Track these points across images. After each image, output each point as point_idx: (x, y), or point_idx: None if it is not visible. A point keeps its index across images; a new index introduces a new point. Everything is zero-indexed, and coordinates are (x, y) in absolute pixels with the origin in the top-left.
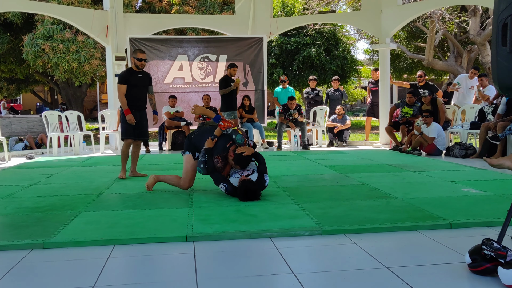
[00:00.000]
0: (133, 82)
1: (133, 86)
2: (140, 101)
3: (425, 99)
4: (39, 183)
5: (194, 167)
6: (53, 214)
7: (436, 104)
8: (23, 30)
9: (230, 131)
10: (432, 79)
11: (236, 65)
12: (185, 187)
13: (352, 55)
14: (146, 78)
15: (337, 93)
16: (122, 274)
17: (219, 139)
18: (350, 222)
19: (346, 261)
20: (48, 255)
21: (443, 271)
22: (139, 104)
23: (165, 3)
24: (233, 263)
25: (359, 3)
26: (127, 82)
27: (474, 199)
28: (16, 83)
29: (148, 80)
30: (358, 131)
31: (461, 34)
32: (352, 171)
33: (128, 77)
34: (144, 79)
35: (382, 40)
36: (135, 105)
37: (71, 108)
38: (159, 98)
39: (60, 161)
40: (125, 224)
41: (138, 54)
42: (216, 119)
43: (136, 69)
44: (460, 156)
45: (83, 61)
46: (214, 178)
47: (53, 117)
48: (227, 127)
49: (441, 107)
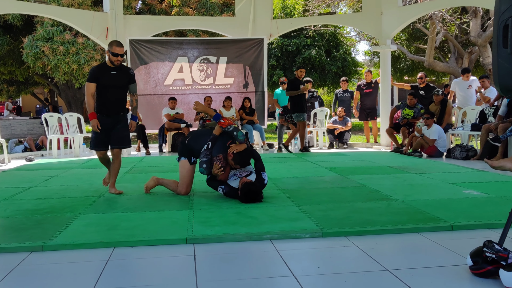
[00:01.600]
0: (105, 81)
1: (105, 86)
2: (114, 105)
3: (437, 97)
4: (39, 185)
5: (191, 172)
6: (53, 217)
7: (446, 105)
8: (23, 32)
9: (231, 128)
10: (433, 80)
11: (304, 67)
12: (182, 193)
13: (352, 57)
14: (123, 76)
15: (346, 94)
16: (122, 277)
17: (218, 138)
18: (351, 224)
19: (347, 263)
20: (47, 258)
21: (445, 273)
22: (112, 108)
23: (165, 4)
24: (234, 266)
25: (359, 4)
26: (96, 81)
27: (475, 201)
28: (16, 85)
29: (126, 78)
30: (359, 133)
31: (461, 35)
32: (353, 173)
33: (99, 75)
34: (121, 78)
35: (383, 42)
36: (106, 109)
37: (71, 110)
38: (159, 100)
39: (60, 163)
40: (125, 226)
41: (114, 47)
42: (216, 117)
43: (110, 65)
44: (461, 158)
45: (83, 63)
46: (211, 184)
47: (53, 119)
48: (228, 124)
49: (449, 110)
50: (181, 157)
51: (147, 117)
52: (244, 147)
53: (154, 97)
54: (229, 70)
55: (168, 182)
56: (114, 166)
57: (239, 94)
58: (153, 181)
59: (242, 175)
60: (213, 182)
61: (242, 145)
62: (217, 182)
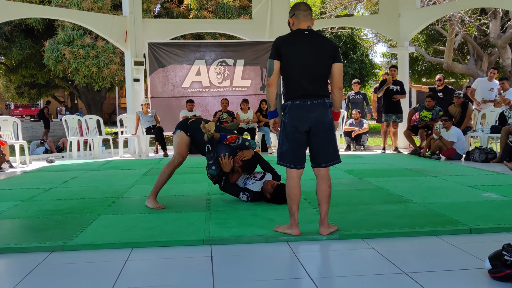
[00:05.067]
0: None
1: None
2: None
3: (457, 100)
4: (59, 186)
5: (188, 141)
6: (73, 217)
7: (466, 108)
8: (44, 36)
9: (240, 141)
10: (452, 82)
11: (396, 66)
12: (179, 161)
13: (370, 59)
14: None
15: (359, 96)
16: (140, 277)
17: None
18: (368, 226)
19: (363, 266)
20: (67, 257)
21: (463, 277)
22: None
23: (183, 8)
24: (250, 267)
25: (377, 6)
26: None
27: (495, 204)
28: (37, 88)
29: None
30: (376, 135)
31: (481, 37)
32: (370, 175)
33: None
34: None
35: (401, 44)
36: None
37: (91, 112)
38: (177, 102)
39: (80, 164)
40: (143, 227)
41: None
42: (222, 138)
43: None
44: (481, 160)
45: (102, 66)
46: (230, 191)
47: (73, 122)
48: (235, 138)
49: (469, 113)
50: (177, 130)
51: (165, 119)
52: (251, 153)
53: (172, 99)
54: (246, 73)
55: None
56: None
57: (256, 96)
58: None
59: (256, 177)
60: (232, 188)
61: (249, 151)
62: (238, 188)
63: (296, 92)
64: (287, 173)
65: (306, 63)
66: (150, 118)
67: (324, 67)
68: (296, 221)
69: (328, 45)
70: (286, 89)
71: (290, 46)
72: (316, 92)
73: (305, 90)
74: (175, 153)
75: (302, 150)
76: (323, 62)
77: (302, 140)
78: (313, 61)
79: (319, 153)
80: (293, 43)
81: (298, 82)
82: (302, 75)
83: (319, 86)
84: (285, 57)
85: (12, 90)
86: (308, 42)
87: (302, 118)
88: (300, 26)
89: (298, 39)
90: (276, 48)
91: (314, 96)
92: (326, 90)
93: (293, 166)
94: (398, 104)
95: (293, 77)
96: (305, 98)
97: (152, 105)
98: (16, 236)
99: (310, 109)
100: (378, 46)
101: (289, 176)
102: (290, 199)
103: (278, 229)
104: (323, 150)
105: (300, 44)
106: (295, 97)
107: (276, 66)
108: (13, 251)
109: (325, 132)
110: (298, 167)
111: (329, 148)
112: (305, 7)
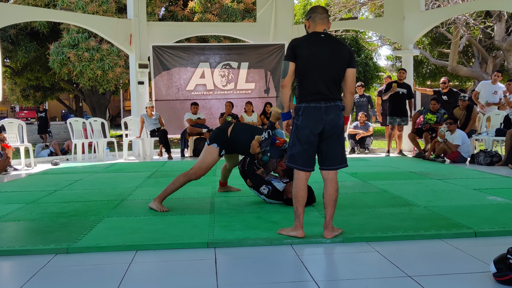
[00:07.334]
0: None
1: None
2: None
3: (462, 103)
4: (64, 189)
5: (215, 162)
6: (77, 220)
7: (471, 111)
8: (49, 39)
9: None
10: (456, 85)
11: (404, 69)
12: (196, 176)
13: (374, 62)
14: None
15: (363, 99)
16: (144, 280)
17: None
18: (372, 230)
19: (368, 269)
20: (72, 260)
21: (467, 280)
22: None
23: (187, 11)
24: (254, 270)
25: (381, 9)
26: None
27: (500, 208)
28: (42, 91)
29: None
30: (381, 138)
31: (486, 39)
32: (374, 178)
33: None
34: None
35: (405, 46)
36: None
37: (95, 115)
38: (181, 105)
39: (84, 167)
40: (147, 230)
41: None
42: (273, 139)
43: None
44: (485, 163)
45: (107, 69)
46: (253, 178)
47: (77, 124)
48: (283, 142)
49: (474, 116)
50: (213, 143)
51: (169, 122)
52: None
53: (176, 102)
54: (251, 76)
55: (168, 187)
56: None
57: (260, 99)
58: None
59: (283, 180)
60: (257, 177)
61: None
62: (262, 179)
63: (312, 94)
64: (295, 174)
65: (322, 66)
66: (154, 121)
67: (339, 71)
68: (301, 222)
69: (344, 49)
70: (300, 91)
71: (306, 48)
72: (331, 95)
73: (321, 92)
74: (198, 167)
75: (314, 153)
76: (338, 66)
77: (315, 142)
78: (328, 64)
79: (330, 155)
80: (309, 45)
81: (314, 84)
82: (318, 78)
83: (334, 89)
84: (300, 59)
85: (17, 93)
86: (324, 45)
87: (317, 120)
88: (316, 29)
89: (314, 42)
90: (292, 49)
91: (329, 99)
92: (339, 93)
93: (304, 168)
94: (404, 107)
95: (308, 79)
96: (319, 100)
97: (156, 108)
98: (21, 238)
99: (326, 112)
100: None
101: (297, 178)
102: (297, 200)
103: (282, 232)
104: (334, 153)
105: (317, 46)
106: (310, 100)
107: (291, 67)
108: (17, 253)
109: (338, 135)
110: (309, 169)
111: (339, 151)
112: (322, 10)
